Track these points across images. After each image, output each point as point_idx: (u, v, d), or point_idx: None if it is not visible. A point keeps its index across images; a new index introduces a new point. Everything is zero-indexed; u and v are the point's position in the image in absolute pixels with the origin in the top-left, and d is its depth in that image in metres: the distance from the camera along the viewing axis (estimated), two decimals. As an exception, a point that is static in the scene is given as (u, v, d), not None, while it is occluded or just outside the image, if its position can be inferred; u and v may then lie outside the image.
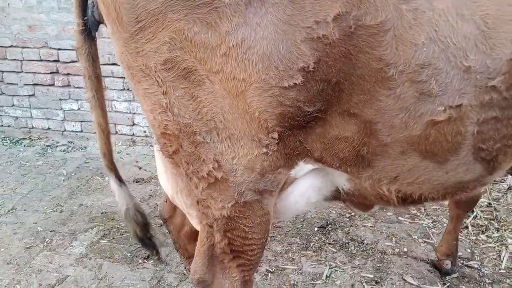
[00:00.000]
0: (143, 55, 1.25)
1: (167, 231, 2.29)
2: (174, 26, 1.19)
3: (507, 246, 3.02)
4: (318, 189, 1.63)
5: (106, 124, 1.69)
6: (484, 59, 1.29)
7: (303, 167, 1.49)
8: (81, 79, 4.82)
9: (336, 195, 1.66)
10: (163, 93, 1.28)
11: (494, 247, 3.03)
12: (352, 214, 3.44)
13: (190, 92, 1.27)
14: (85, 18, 1.43)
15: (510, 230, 3.24)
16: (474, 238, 3.12)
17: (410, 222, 3.34)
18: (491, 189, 3.82)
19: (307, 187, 1.60)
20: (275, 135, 1.32)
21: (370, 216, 3.42)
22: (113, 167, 1.77)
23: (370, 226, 3.27)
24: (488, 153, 1.45)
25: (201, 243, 1.57)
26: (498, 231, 3.21)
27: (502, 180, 3.96)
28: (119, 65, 3.96)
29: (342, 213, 3.45)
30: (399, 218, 3.39)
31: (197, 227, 1.60)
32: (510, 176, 4.00)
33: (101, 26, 1.46)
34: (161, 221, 2.39)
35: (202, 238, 1.56)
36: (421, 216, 3.43)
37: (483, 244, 3.06)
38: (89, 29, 1.46)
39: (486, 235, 3.16)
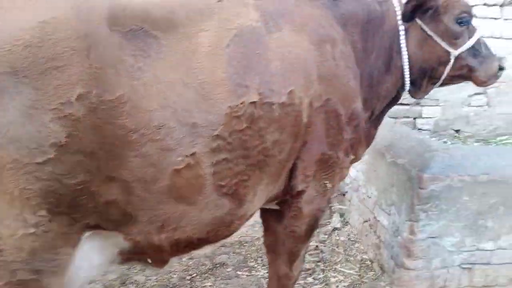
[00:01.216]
0: None
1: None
2: None
3: (329, 286, 3.32)
4: (100, 251, 1.69)
5: None
6: (206, 116, 1.61)
7: (84, 239, 1.57)
8: None
9: (126, 255, 1.76)
10: None
11: (320, 288, 3.30)
12: (193, 275, 3.46)
13: None
14: None
15: (333, 269, 3.57)
16: (302, 282, 3.36)
17: (247, 275, 3.47)
18: (318, 232, 4.19)
19: (87, 251, 1.63)
20: (43, 213, 1.38)
21: (210, 275, 3.47)
22: None
23: (210, 286, 3.31)
24: (229, 188, 1.75)
25: None
26: (323, 272, 3.52)
27: (328, 223, 4.38)
28: None
29: (183, 276, 3.44)
30: (237, 272, 3.51)
31: None
32: (334, 218, 4.47)
33: None
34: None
35: None
36: (257, 267, 3.60)
37: (310, 286, 3.31)
38: None
39: (313, 278, 3.44)
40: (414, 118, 5.03)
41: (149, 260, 1.83)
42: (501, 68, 2.38)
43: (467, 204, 2.87)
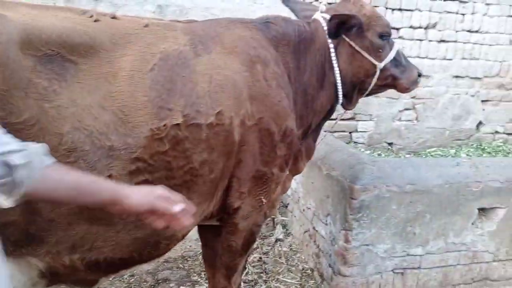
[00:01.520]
0: None
1: None
2: None
3: (271, 296, 3.36)
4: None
5: None
6: (125, 138, 1.60)
7: None
8: None
9: (47, 278, 1.69)
10: None
11: (262, 299, 3.33)
12: (136, 292, 3.39)
13: None
14: None
15: (276, 280, 3.62)
16: (245, 294, 3.38)
17: (190, 290, 3.44)
18: (262, 244, 4.24)
19: None
20: None
21: (153, 291, 3.41)
22: None
23: (153, 302, 3.26)
24: None
25: None
26: (265, 283, 3.56)
27: (271, 234, 4.43)
28: None
29: (125, 293, 3.36)
30: (181, 287, 3.47)
31: None
32: (277, 229, 4.53)
33: None
34: None
35: None
36: (201, 281, 3.58)
37: (252, 298, 3.33)
38: None
39: (256, 289, 3.47)
40: (350, 132, 5.23)
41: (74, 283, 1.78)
42: (419, 75, 2.58)
43: (396, 212, 3.02)
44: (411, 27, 5.18)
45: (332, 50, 2.33)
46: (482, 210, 3.26)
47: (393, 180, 2.98)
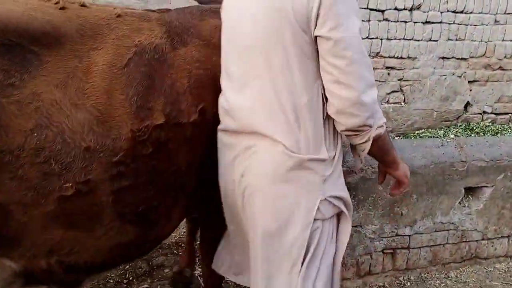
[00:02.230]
0: None
1: None
2: None
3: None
4: None
5: None
6: (103, 140, 1.42)
7: None
8: None
9: (24, 279, 1.57)
10: None
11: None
12: (130, 278, 3.32)
13: None
14: None
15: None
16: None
17: (184, 275, 3.37)
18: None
19: None
20: None
21: (147, 277, 3.35)
22: None
23: (147, 287, 3.19)
24: (136, 215, 1.56)
25: None
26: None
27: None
28: None
29: (119, 280, 3.30)
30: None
31: None
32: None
33: None
34: None
35: None
36: (195, 266, 3.51)
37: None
38: None
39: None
40: (340, 116, 5.13)
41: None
42: None
43: (382, 193, 2.94)
44: (395, 8, 5.05)
45: None
46: (468, 189, 3.18)
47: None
